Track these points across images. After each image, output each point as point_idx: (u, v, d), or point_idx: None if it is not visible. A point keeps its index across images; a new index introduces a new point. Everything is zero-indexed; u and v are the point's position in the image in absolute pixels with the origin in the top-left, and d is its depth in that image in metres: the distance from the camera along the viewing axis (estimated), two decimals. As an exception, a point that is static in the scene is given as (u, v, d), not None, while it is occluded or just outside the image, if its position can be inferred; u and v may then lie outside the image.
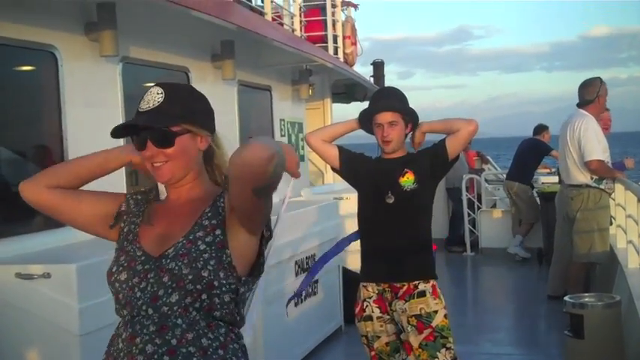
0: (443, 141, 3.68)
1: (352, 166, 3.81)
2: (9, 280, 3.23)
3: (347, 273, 6.43)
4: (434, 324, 3.57)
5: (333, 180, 9.51)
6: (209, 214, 1.93)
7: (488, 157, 13.46)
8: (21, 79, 4.41)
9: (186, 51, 5.81)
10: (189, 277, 1.83)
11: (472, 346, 5.95)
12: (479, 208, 10.99)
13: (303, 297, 5.60)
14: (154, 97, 1.92)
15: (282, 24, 8.39)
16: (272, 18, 7.82)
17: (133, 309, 1.87)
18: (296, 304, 5.48)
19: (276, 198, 1.85)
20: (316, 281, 5.87)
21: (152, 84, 1.95)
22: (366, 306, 3.70)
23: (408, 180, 3.64)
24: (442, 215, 10.99)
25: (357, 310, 3.74)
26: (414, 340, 3.56)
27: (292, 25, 8.71)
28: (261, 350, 4.73)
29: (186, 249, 1.86)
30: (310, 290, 5.76)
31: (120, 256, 1.95)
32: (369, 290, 3.71)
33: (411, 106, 3.76)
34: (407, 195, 3.64)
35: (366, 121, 3.76)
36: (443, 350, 3.56)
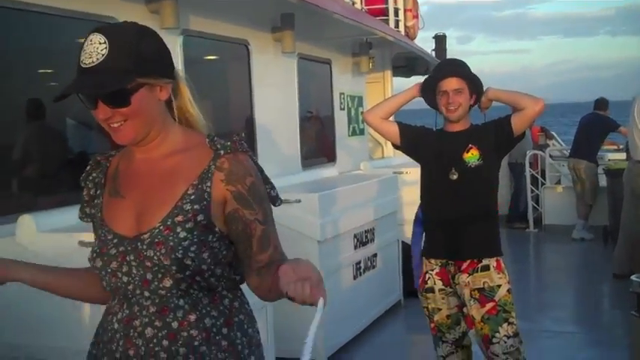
0: (508, 118, 3.59)
1: (413, 141, 3.74)
2: (73, 247, 3.28)
3: (406, 246, 6.38)
4: (497, 298, 3.52)
5: (393, 153, 9.42)
6: (192, 197, 1.68)
7: (553, 133, 13.15)
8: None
9: (246, 23, 5.80)
10: (173, 267, 1.64)
11: (533, 323, 5.84)
12: (542, 184, 10.76)
13: (362, 270, 5.59)
14: (97, 48, 1.62)
15: (342, -4, 8.30)
16: (332, -10, 7.74)
17: (126, 292, 1.70)
18: (355, 277, 5.47)
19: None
20: (375, 254, 5.84)
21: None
22: (429, 278, 3.67)
23: (472, 156, 3.56)
24: (504, 191, 10.81)
25: (420, 281, 3.73)
26: (476, 313, 3.53)
27: (353, -3, 8.61)
28: (320, 323, 4.74)
29: (163, 236, 1.65)
30: (369, 263, 5.74)
31: (95, 243, 1.77)
32: (432, 262, 3.68)
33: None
34: (471, 171, 3.56)
35: (428, 90, 3.67)
36: (505, 325, 3.51)
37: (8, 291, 1.78)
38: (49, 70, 4.21)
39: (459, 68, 3.61)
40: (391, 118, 3.97)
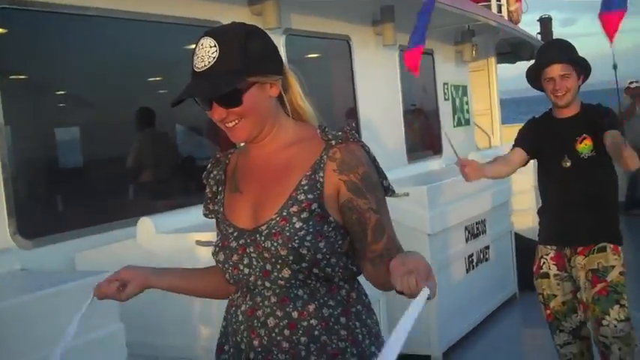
0: (604, 133, 3.34)
1: (535, 147, 3.63)
2: (189, 246, 3.38)
3: (520, 239, 6.22)
4: (609, 278, 3.43)
5: (500, 143, 9.21)
6: (305, 187, 1.71)
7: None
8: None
9: (347, 19, 5.80)
10: (290, 257, 1.67)
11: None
12: (663, 167, 10.23)
13: (474, 263, 5.48)
14: (208, 51, 1.67)
15: (442, -15, 8.17)
16: (432, -21, 7.62)
17: (248, 284, 1.75)
18: (467, 271, 5.37)
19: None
20: (487, 247, 5.71)
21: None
22: (543, 263, 3.62)
23: (585, 146, 3.46)
24: (621, 176, 10.34)
25: (535, 267, 3.67)
26: (587, 294, 3.45)
27: (453, -15, 8.46)
28: (433, 316, 4.69)
29: (280, 227, 1.68)
30: (482, 256, 5.62)
31: (216, 237, 1.83)
32: (547, 247, 3.62)
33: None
34: (585, 162, 3.47)
35: (534, 76, 3.59)
36: (616, 307, 3.40)
37: (140, 295, 1.87)
38: (159, 78, 4.35)
39: (563, 53, 3.49)
40: (508, 150, 3.77)
